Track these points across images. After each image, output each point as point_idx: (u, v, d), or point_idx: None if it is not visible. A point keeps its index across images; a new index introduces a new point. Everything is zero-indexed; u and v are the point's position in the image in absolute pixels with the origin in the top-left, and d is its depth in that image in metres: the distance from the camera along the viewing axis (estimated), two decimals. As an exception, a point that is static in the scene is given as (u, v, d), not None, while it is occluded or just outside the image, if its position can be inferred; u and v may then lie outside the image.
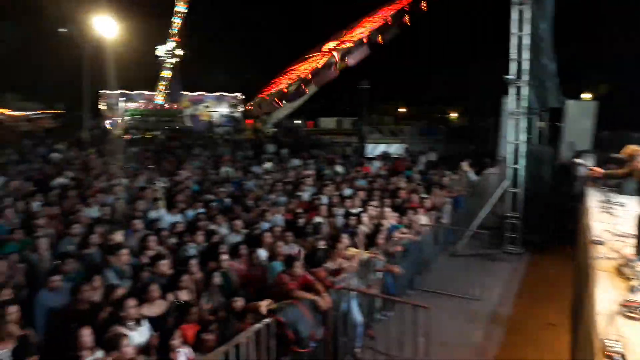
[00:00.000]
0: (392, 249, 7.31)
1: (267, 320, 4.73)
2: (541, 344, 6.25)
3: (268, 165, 15.79)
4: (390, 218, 8.48)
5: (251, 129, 34.73)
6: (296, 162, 16.67)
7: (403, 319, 5.45)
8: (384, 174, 14.50)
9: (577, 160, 12.35)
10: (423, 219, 9.10)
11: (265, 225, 8.18)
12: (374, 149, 21.95)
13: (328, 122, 35.05)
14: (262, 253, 6.80)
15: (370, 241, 7.33)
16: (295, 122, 38.81)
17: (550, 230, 10.59)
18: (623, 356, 3.10)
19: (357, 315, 5.91)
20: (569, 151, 14.69)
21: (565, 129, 15.17)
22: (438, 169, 14.44)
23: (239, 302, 5.02)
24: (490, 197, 11.15)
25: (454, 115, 39.39)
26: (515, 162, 10.65)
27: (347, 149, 22.21)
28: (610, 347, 3.18)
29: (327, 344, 5.53)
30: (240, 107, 40.78)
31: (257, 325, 4.63)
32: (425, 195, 10.41)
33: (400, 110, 42.67)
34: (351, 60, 27.30)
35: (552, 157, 13.64)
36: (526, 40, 10.31)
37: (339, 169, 15.31)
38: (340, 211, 8.90)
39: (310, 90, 29.51)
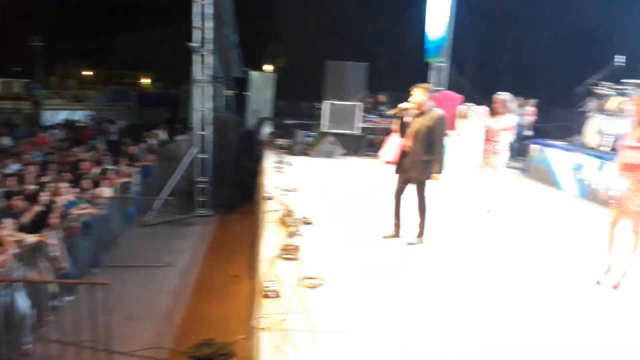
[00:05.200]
0: (68, 228, 6.56)
1: None
2: (227, 297, 6.73)
3: None
4: (67, 194, 7.58)
5: None
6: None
7: (82, 301, 4.99)
8: (65, 145, 12.96)
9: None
10: (107, 192, 8.50)
11: None
12: (54, 117, 19.23)
13: (-7, 85, 28.67)
14: None
15: (43, 222, 6.39)
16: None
17: (237, 192, 11.46)
18: (277, 292, 3.54)
19: (23, 307, 5.09)
20: (253, 118, 16.09)
21: (250, 98, 16.48)
22: (128, 138, 13.74)
23: None
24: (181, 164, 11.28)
25: (145, 81, 37.67)
26: (203, 129, 10.98)
27: (17, 117, 18.74)
28: (267, 287, 3.59)
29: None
30: None
31: None
32: (112, 167, 9.75)
33: (85, 73, 38.24)
34: None
35: (238, 124, 14.67)
36: (209, 9, 10.54)
37: (5, 141, 12.83)
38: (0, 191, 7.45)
39: None
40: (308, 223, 5.47)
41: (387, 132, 10.89)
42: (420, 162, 4.90)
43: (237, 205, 11.21)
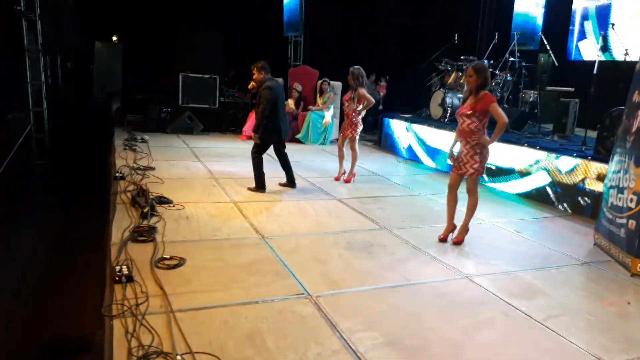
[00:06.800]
0: None
1: None
2: (79, 287, 6.04)
3: None
4: None
5: None
6: None
7: None
8: None
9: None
10: None
11: None
12: None
13: None
14: None
15: None
16: None
17: (83, 173, 10.40)
18: (129, 276, 3.28)
19: None
20: (101, 93, 14.69)
21: (95, 70, 15.00)
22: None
23: None
24: (14, 145, 9.86)
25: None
26: (39, 105, 9.71)
27: None
28: (118, 271, 3.31)
29: None
30: None
31: None
32: None
33: None
34: None
35: (82, 98, 13.28)
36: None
37: None
38: None
39: None
40: (165, 202, 5.17)
41: (251, 107, 10.72)
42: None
43: (85, 188, 10.17)
